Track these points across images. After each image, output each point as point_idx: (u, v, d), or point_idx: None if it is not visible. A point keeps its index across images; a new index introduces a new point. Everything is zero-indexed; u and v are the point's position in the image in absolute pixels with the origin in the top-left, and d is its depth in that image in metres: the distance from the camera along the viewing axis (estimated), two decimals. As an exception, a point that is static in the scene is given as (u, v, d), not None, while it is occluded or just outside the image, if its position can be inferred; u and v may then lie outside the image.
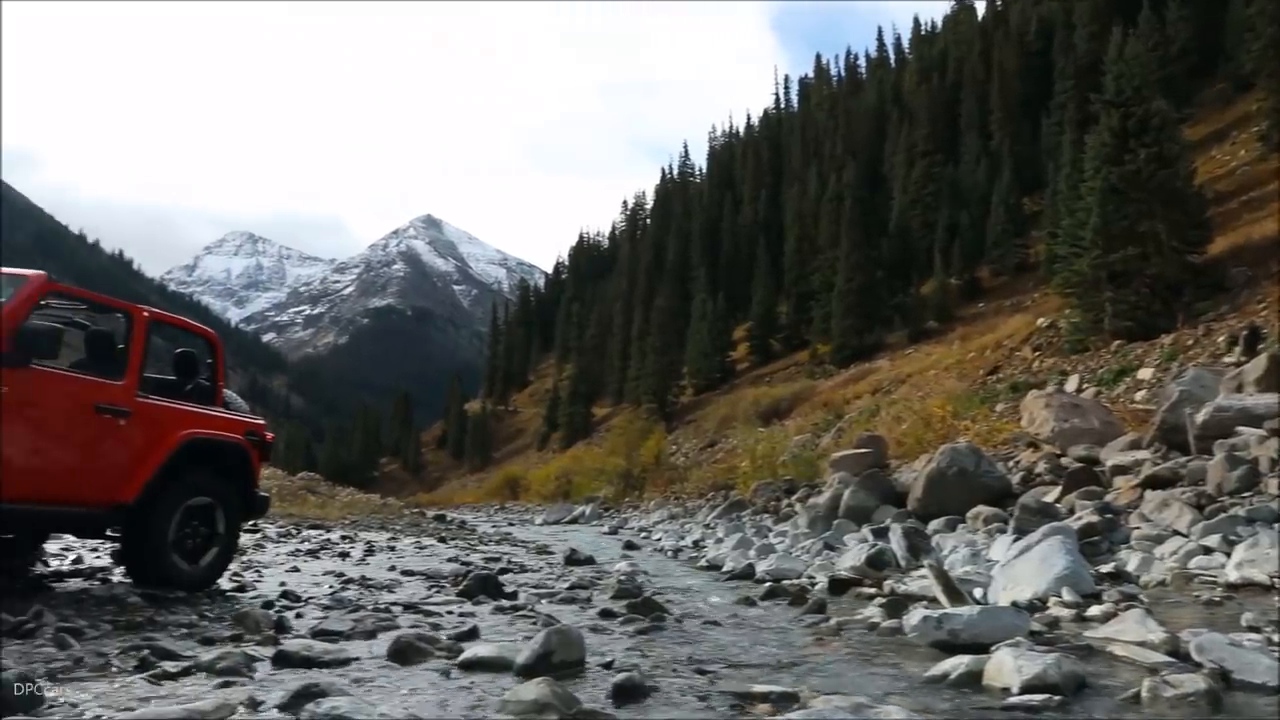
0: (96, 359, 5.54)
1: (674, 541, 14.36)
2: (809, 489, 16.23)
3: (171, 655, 3.17)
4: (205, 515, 5.77)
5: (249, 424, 6.26)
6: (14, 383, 4.62)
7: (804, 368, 46.65)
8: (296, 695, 2.43)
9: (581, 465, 43.77)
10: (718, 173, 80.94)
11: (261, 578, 6.88)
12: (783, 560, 8.53)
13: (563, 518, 28.27)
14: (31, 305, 4.84)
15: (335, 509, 20.45)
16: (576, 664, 3.20)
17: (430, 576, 7.64)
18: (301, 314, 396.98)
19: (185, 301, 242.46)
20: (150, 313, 5.71)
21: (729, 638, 4.35)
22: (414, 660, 3.30)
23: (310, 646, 3.32)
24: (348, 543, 12.28)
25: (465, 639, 3.90)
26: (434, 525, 20.50)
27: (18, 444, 4.69)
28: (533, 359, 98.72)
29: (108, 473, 5.17)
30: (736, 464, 26.52)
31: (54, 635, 3.47)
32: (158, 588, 5.28)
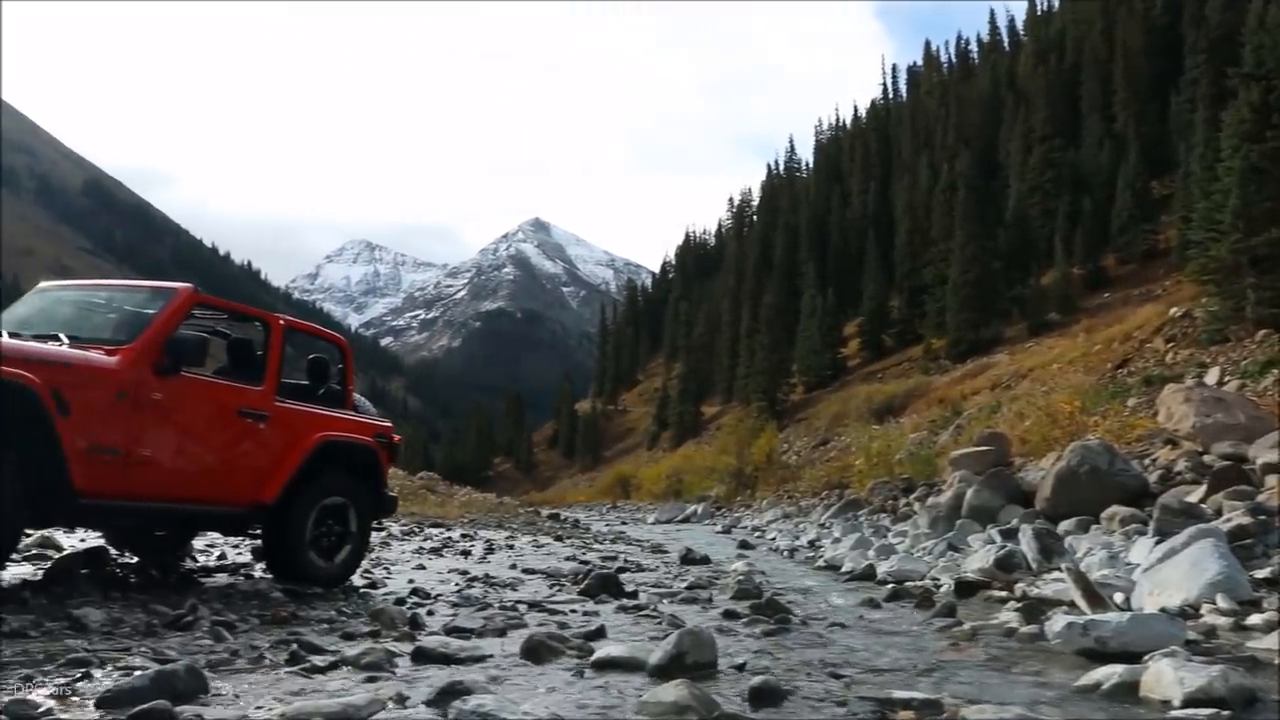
0: (238, 366, 5.83)
1: (789, 541, 14.21)
2: (928, 488, 15.81)
3: (318, 650, 3.29)
4: (339, 515, 5.99)
5: (378, 426, 6.48)
6: (166, 390, 4.89)
7: (918, 363, 45.50)
8: (443, 692, 2.50)
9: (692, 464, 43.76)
10: (825, 166, 79.67)
11: (391, 575, 7.10)
12: (904, 561, 8.34)
13: (674, 517, 28.31)
14: (181, 317, 5.12)
15: (454, 508, 20.99)
16: (709, 666, 3.19)
17: (550, 575, 7.75)
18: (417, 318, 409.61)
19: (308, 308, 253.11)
20: (286, 321, 5.97)
21: (858, 641, 4.26)
22: (546, 659, 3.34)
23: (446, 644, 3.41)
24: (468, 541, 12.57)
25: (593, 638, 3.93)
26: (549, 524, 20.82)
27: (171, 447, 4.97)
28: (641, 358, 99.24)
29: (250, 474, 5.42)
30: (850, 462, 26.06)
31: (210, 628, 3.66)
32: (296, 584, 5.51)
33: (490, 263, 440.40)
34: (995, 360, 37.40)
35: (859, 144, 74.52)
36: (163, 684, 2.40)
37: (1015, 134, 51.90)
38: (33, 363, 4.30)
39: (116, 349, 4.81)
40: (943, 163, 54.91)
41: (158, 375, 4.85)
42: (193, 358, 4.99)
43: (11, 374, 4.14)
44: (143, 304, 5.35)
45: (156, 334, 4.90)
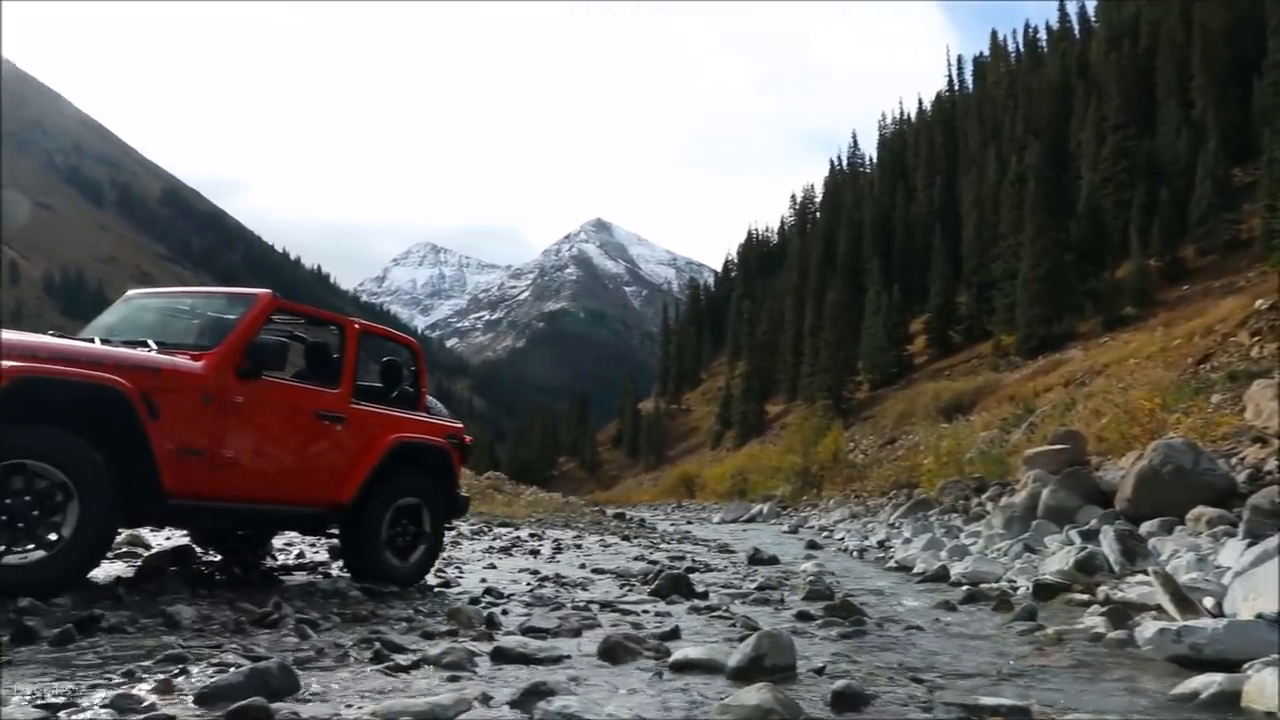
0: (315, 369, 5.96)
1: (858, 541, 14.05)
2: (1000, 488, 15.48)
3: (400, 649, 3.35)
4: (413, 515, 6.09)
5: (449, 428, 6.57)
6: (248, 393, 5.03)
7: (987, 360, 44.57)
8: (527, 693, 2.52)
9: (757, 463, 43.51)
10: (889, 161, 78.54)
11: (463, 574, 7.19)
12: (979, 562, 8.17)
13: (740, 516, 28.19)
14: (261, 322, 5.25)
15: (521, 507, 21.20)
16: (788, 669, 3.17)
17: (620, 575, 7.77)
18: (481, 319, 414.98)
19: (376, 311, 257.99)
20: (360, 324, 6.09)
21: (936, 644, 4.19)
22: (623, 659, 3.35)
23: (525, 644, 3.44)
24: (536, 540, 12.67)
25: (668, 639, 3.93)
26: (615, 523, 20.89)
27: (253, 449, 5.11)
28: (704, 357, 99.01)
29: (328, 475, 5.54)
30: (919, 461, 25.63)
31: (295, 626, 3.75)
32: (373, 582, 5.61)
33: (553, 263, 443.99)
34: (1068, 356, 36.46)
35: (924, 138, 73.27)
36: (256, 681, 2.46)
37: (1087, 123, 50.51)
38: (124, 368, 4.46)
39: (201, 354, 4.96)
40: (1011, 155, 53.67)
41: (240, 379, 4.99)
42: (273, 362, 5.12)
43: (105, 379, 4.30)
44: (225, 310, 5.51)
45: (239, 339, 5.04)
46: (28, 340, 4.51)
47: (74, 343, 4.77)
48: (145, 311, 5.94)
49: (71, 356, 4.39)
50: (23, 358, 4.14)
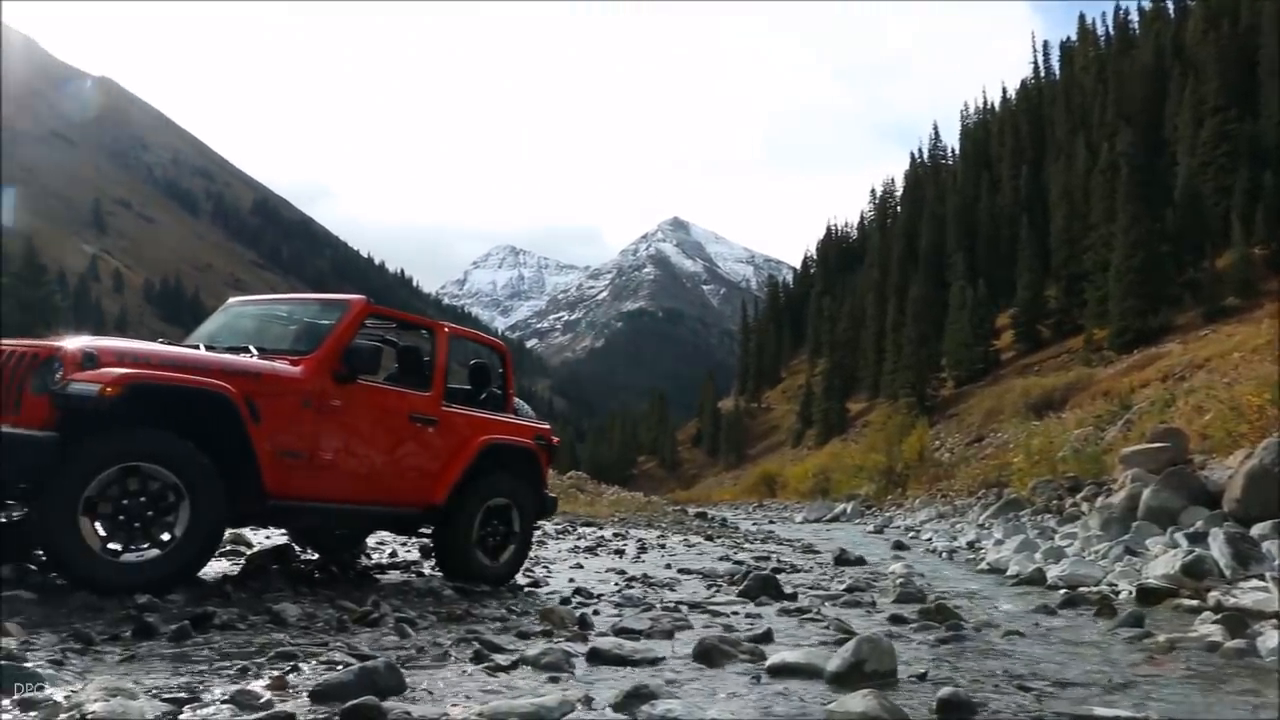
0: (407, 372, 6.08)
1: (946, 542, 13.75)
2: (1096, 487, 14.95)
3: (499, 649, 3.40)
4: (503, 515, 6.17)
5: (537, 429, 6.64)
6: (344, 397, 5.17)
7: (1078, 355, 43.12)
8: (629, 696, 2.53)
9: (840, 462, 42.93)
10: (972, 152, 76.57)
11: (551, 574, 7.27)
12: (1077, 565, 7.91)
13: (823, 516, 27.87)
14: (356, 327, 5.39)
15: (603, 507, 21.32)
16: (888, 674, 3.11)
17: (707, 575, 7.76)
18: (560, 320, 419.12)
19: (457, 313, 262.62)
20: (450, 328, 6.21)
21: (1039, 651, 4.06)
22: (719, 662, 3.34)
23: (620, 645, 3.45)
24: (620, 540, 12.73)
25: (761, 641, 3.90)
26: (697, 523, 20.86)
27: (350, 451, 5.24)
28: (784, 355, 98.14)
29: (421, 476, 5.65)
30: (1009, 460, 24.95)
31: (395, 625, 3.84)
32: (465, 582, 5.71)
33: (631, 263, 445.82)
34: (1166, 350, 35.05)
35: (1009, 127, 71.30)
36: (365, 680, 2.53)
37: (1183, 107, 48.48)
38: (229, 374, 4.63)
39: (300, 359, 5.11)
40: (1101, 142, 51.86)
41: (337, 383, 5.13)
42: (368, 366, 5.24)
43: (211, 384, 4.47)
44: (320, 316, 5.68)
45: (335, 344, 5.18)
46: (139, 348, 4.71)
47: (181, 350, 4.97)
48: (245, 318, 6.15)
49: (179, 363, 4.58)
50: (136, 365, 4.34)
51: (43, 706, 2.21)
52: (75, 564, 4.03)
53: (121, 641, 3.14)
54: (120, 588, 4.00)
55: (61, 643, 3.03)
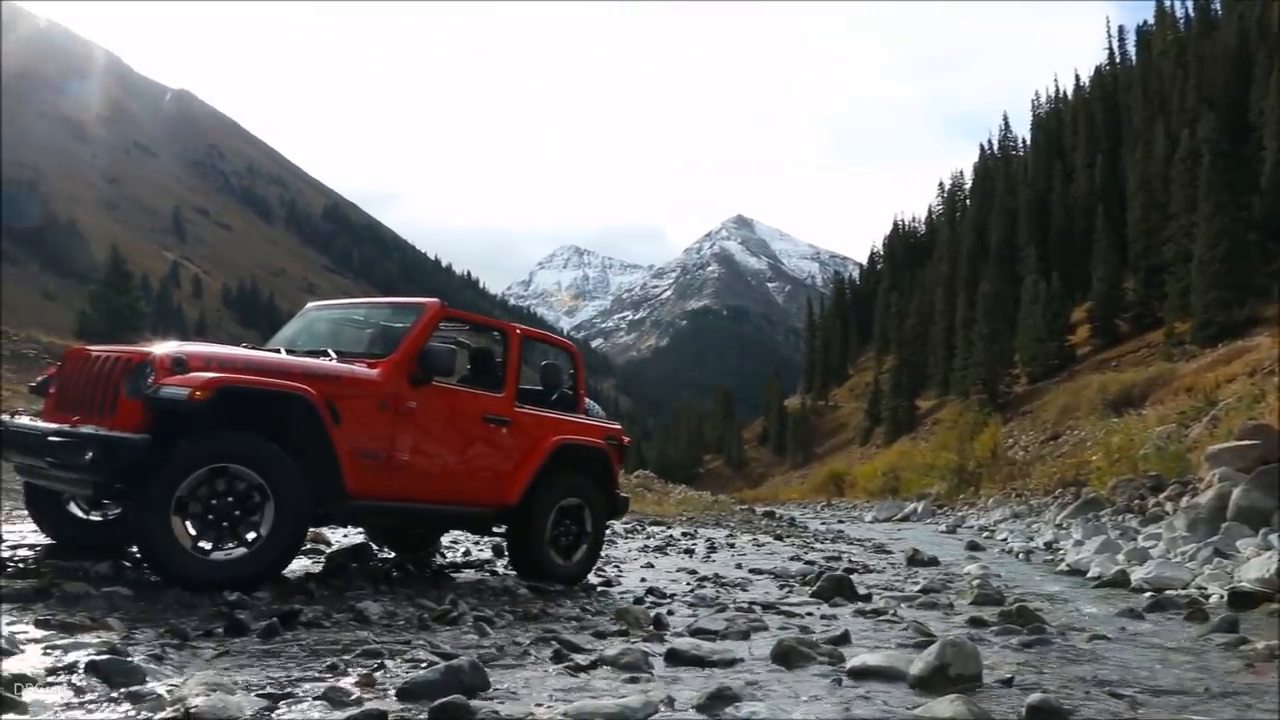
0: (480, 374, 6.16)
1: (1023, 542, 13.46)
2: (1180, 487, 14.47)
3: (577, 648, 3.43)
4: (575, 515, 6.22)
5: (608, 429, 6.67)
6: (420, 399, 5.26)
7: (1158, 350, 41.73)
8: (712, 697, 2.53)
9: (909, 460, 42.25)
10: (1044, 143, 74.55)
11: (622, 573, 7.30)
12: (1163, 567, 7.67)
13: (893, 515, 27.49)
14: (431, 330, 5.48)
15: (671, 506, 21.34)
16: (973, 679, 3.05)
17: (778, 575, 7.71)
18: (625, 319, 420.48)
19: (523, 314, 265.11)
20: (522, 329, 6.27)
21: (1128, 656, 3.95)
22: (798, 664, 3.32)
23: (698, 646, 3.45)
24: (689, 539, 12.73)
25: (839, 643, 3.87)
26: (765, 522, 20.75)
27: (425, 452, 5.34)
28: (851, 352, 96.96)
29: (495, 476, 5.72)
30: (1087, 458, 24.28)
31: (473, 624, 3.89)
32: (538, 580, 5.76)
33: (695, 261, 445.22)
34: (1253, 344, 33.69)
35: (1082, 115, 69.28)
36: (451, 678, 2.57)
37: (1270, 90, 46.51)
38: (310, 377, 4.75)
39: (377, 362, 5.22)
40: (1181, 129, 50.04)
41: (413, 385, 5.22)
42: (443, 368, 5.32)
43: (294, 388, 4.59)
44: (396, 319, 5.78)
45: (411, 347, 5.28)
46: (226, 352, 4.87)
47: (265, 354, 5.11)
48: (323, 322, 6.30)
49: (264, 367, 4.71)
50: (223, 369, 4.47)
51: (147, 700, 2.29)
52: (168, 562, 4.17)
53: (215, 638, 3.25)
54: (210, 585, 4.13)
55: (159, 638, 3.14)
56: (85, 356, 4.81)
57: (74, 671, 2.52)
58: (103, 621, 3.30)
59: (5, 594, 3.71)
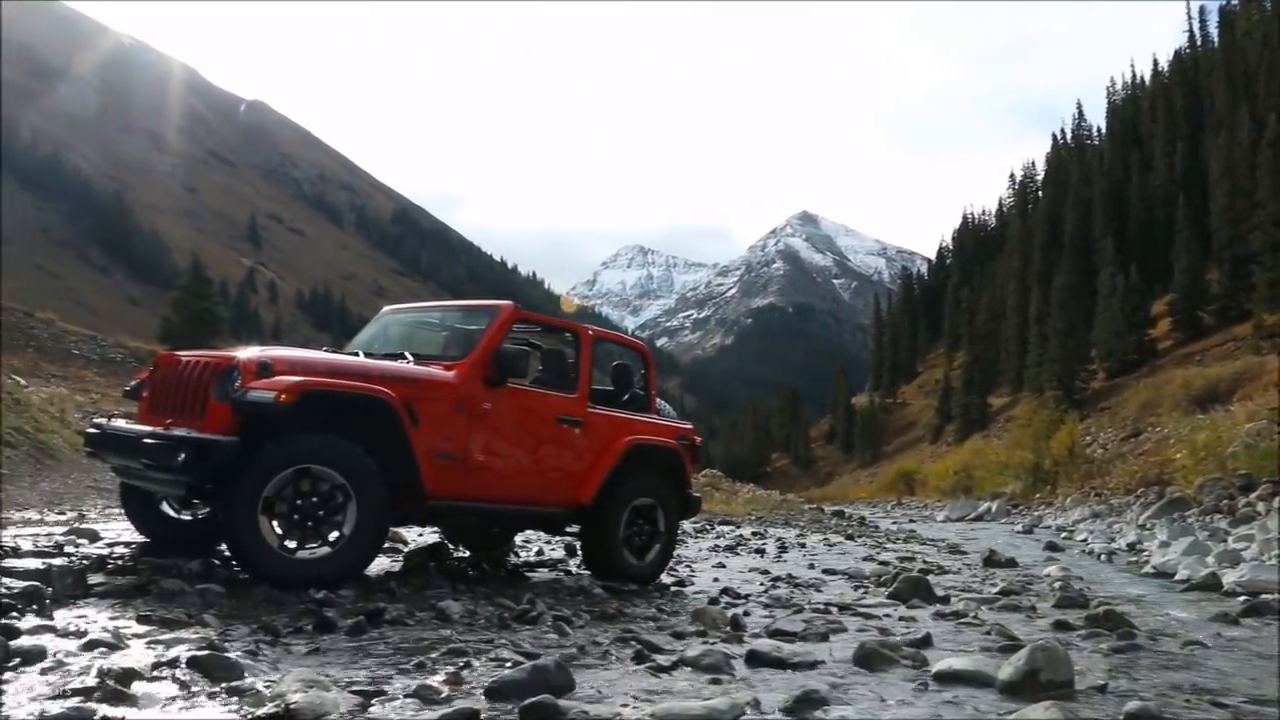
0: (552, 375, 6.21)
1: (1104, 543, 13.07)
2: (1273, 485, 13.94)
3: (658, 649, 3.43)
4: (648, 515, 6.24)
5: (680, 429, 6.67)
6: (495, 400, 5.32)
7: (1245, 343, 40.15)
8: (799, 700, 2.52)
9: (982, 459, 41.34)
10: (1120, 131, 72.29)
11: (694, 573, 7.29)
12: (1258, 570, 7.37)
13: (966, 515, 26.92)
14: (504, 332, 5.55)
15: (739, 505, 21.26)
16: (1064, 685, 2.97)
17: (852, 576, 7.63)
18: (689, 318, 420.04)
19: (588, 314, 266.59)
20: (594, 330, 6.31)
21: (1226, 664, 3.81)
22: (880, 667, 3.28)
23: (779, 648, 3.43)
24: (759, 539, 12.67)
25: (920, 646, 3.81)
26: (835, 521, 20.53)
27: (501, 453, 5.40)
28: (920, 349, 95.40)
29: (569, 476, 5.77)
30: (1170, 456, 23.47)
31: (552, 623, 3.93)
32: (612, 580, 5.79)
33: (759, 259, 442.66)
34: (1348, 336, 32.25)
35: (1161, 101, 67.03)
36: (538, 678, 2.60)
37: (1364, 71, 44.50)
38: (389, 379, 4.84)
39: (452, 364, 5.30)
40: (1269, 113, 48.01)
41: (487, 387, 5.29)
42: (517, 370, 5.38)
43: (374, 390, 4.68)
44: (470, 322, 5.87)
45: (485, 349, 5.35)
46: (308, 356, 4.99)
47: (345, 358, 5.23)
48: (399, 326, 6.42)
49: (344, 370, 4.82)
50: (305, 373, 4.59)
51: (248, 695, 2.36)
52: (257, 560, 4.30)
53: (305, 635, 3.33)
54: (297, 583, 4.24)
55: (252, 634, 3.23)
56: (175, 361, 4.97)
57: (177, 666, 2.61)
58: (199, 618, 3.41)
59: (107, 590, 3.87)
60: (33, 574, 3.86)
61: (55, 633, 2.95)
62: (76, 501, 10.01)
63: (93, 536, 5.90)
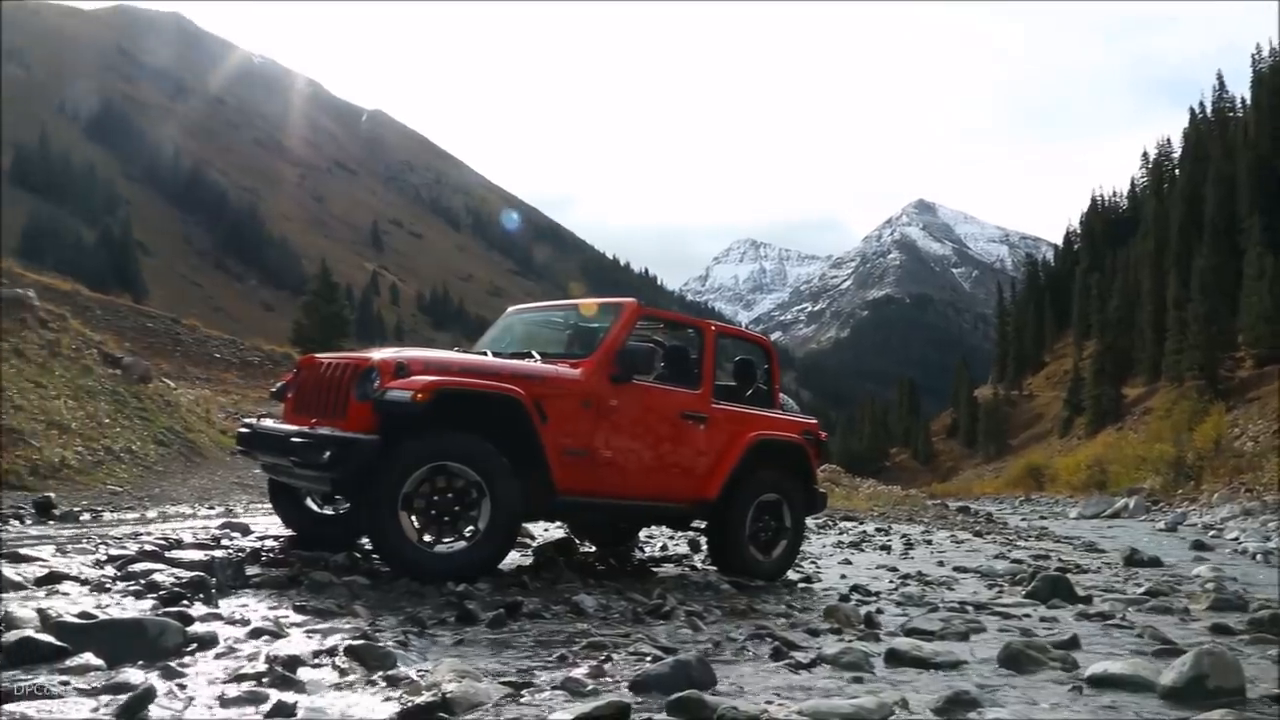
0: (676, 371, 6.22)
1: (1258, 542, 12.35)
2: None
3: (794, 646, 3.41)
4: (774, 511, 6.19)
5: (805, 424, 6.60)
6: (620, 397, 5.37)
7: None
8: (950, 702, 2.45)
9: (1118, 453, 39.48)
10: (1267, 101, 67.56)
11: (820, 570, 7.21)
12: None
13: (1101, 511, 25.76)
14: (629, 329, 5.59)
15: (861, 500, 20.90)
16: (1235, 693, 2.80)
17: (985, 574, 7.41)
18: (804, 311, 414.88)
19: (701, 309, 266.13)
20: (717, 326, 6.30)
21: None
22: (1028, 669, 3.16)
23: (919, 647, 3.36)
24: (883, 535, 12.44)
25: (1068, 648, 3.65)
26: (961, 518, 19.96)
27: (627, 449, 5.45)
28: (1047, 338, 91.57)
29: (695, 473, 5.78)
30: (1330, 449, 21.91)
31: (685, 618, 3.94)
32: (738, 576, 5.77)
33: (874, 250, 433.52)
34: None
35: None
36: (680, 673, 2.62)
37: None
38: (519, 378, 4.95)
39: (578, 362, 5.37)
40: None
41: (613, 384, 5.34)
42: (642, 367, 5.42)
43: (505, 389, 4.79)
44: (595, 320, 5.93)
45: (611, 346, 5.40)
46: (441, 357, 5.15)
47: (475, 357, 5.37)
48: (524, 325, 6.55)
49: (476, 370, 4.95)
50: (440, 372, 4.73)
51: (404, 684, 2.46)
52: (398, 554, 4.46)
53: (449, 626, 3.44)
54: (435, 576, 4.38)
55: (400, 625, 3.36)
56: (317, 364, 5.20)
57: (335, 654, 2.74)
58: (349, 609, 3.57)
59: (263, 581, 4.09)
60: (197, 565, 4.11)
61: (223, 620, 3.14)
62: (223, 497, 10.62)
63: (244, 530, 6.23)
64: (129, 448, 12.38)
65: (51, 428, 11.23)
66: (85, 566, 4.06)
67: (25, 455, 10.10)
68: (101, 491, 9.95)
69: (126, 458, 11.99)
